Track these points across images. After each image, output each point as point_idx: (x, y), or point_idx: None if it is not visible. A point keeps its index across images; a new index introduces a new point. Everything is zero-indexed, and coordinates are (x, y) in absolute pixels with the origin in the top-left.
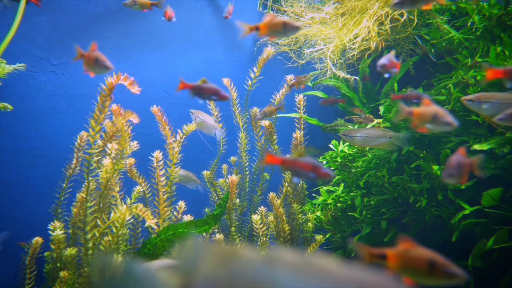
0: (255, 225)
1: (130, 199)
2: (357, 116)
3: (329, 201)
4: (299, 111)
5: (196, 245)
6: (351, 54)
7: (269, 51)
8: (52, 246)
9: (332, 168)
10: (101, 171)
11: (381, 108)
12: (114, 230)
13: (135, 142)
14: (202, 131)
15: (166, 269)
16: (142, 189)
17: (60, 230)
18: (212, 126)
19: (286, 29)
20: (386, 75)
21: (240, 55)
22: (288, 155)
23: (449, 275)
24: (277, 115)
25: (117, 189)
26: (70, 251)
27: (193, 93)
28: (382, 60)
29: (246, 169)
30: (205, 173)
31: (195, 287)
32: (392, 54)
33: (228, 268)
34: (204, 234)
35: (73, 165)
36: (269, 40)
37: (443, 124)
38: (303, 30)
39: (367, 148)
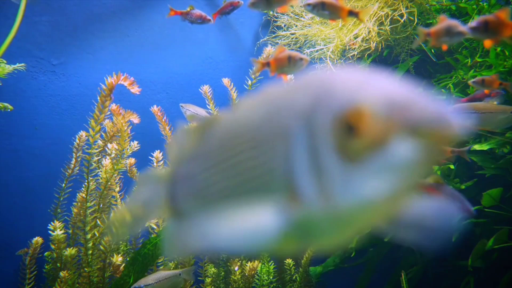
0: None
1: None
2: None
3: None
4: None
5: (180, 135)
6: (351, 54)
7: (269, 51)
8: (52, 246)
9: None
10: (101, 171)
11: None
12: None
13: (135, 142)
14: None
15: (164, 280)
16: None
17: (60, 230)
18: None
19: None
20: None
21: (240, 55)
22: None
23: None
24: None
25: (117, 189)
26: (70, 251)
27: None
28: None
29: None
30: None
31: (181, 169)
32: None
33: (204, 137)
34: None
35: (72, 165)
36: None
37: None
38: (303, 30)
39: None
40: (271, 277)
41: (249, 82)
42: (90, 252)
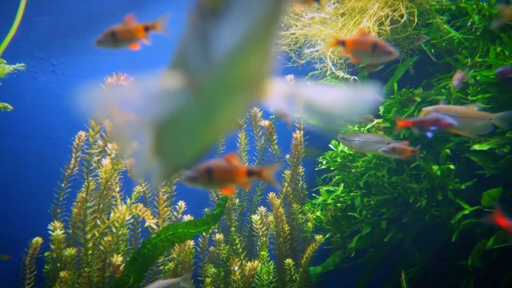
0: (255, 225)
1: (130, 199)
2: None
3: (329, 201)
4: None
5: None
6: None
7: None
8: (52, 246)
9: (332, 168)
10: (100, 171)
11: (381, 108)
12: (114, 230)
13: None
14: None
15: None
16: (142, 189)
17: (60, 230)
18: None
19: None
20: None
21: None
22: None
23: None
24: None
25: (117, 189)
26: (70, 251)
27: (417, 129)
28: None
29: None
30: None
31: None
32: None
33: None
34: (204, 234)
35: (72, 165)
36: None
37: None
38: (303, 30)
39: None
40: (271, 277)
41: None
42: (90, 252)
